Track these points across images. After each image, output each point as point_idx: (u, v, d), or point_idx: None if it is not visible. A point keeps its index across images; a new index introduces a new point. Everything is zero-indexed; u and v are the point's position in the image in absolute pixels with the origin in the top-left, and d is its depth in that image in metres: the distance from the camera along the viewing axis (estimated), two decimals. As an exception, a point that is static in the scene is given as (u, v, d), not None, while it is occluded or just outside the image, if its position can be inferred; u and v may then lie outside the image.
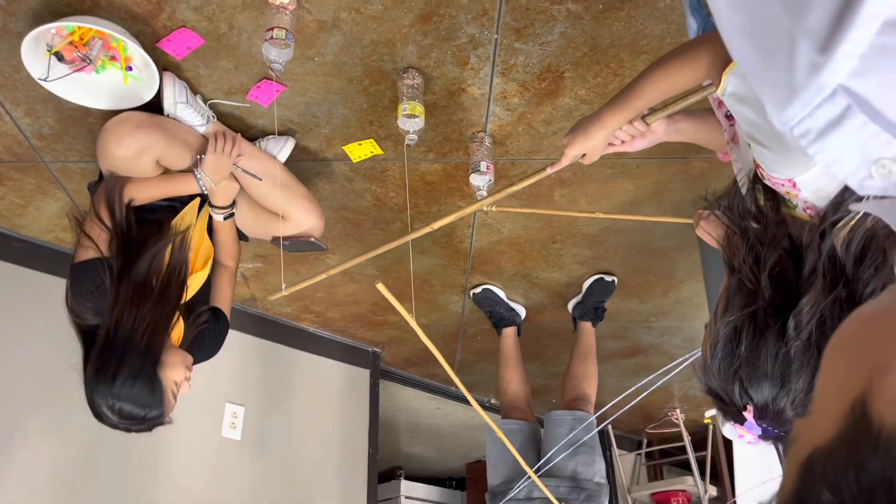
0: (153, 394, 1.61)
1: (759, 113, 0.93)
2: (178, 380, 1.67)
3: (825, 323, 0.88)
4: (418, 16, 1.72)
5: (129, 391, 1.58)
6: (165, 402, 1.65)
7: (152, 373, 1.61)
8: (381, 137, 2.11)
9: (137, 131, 1.74)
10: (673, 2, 1.71)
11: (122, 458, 2.50)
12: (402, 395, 4.20)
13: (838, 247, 0.92)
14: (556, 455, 2.40)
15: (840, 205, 0.94)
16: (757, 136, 0.95)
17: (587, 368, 2.81)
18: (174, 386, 1.67)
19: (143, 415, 1.62)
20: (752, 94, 0.94)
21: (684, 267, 2.90)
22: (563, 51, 1.84)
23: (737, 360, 0.92)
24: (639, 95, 1.17)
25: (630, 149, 1.32)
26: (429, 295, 3.03)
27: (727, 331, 0.93)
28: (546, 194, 2.39)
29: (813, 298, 0.88)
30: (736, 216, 1.00)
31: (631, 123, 1.25)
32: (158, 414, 1.64)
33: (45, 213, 2.39)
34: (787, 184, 0.97)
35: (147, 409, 1.62)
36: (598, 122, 1.25)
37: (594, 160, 1.31)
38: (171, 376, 1.65)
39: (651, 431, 4.68)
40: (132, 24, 1.71)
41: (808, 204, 0.98)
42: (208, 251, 1.92)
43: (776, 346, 0.89)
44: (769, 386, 0.89)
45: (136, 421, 1.63)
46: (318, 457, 3.16)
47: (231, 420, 2.85)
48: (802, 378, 0.88)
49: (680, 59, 1.11)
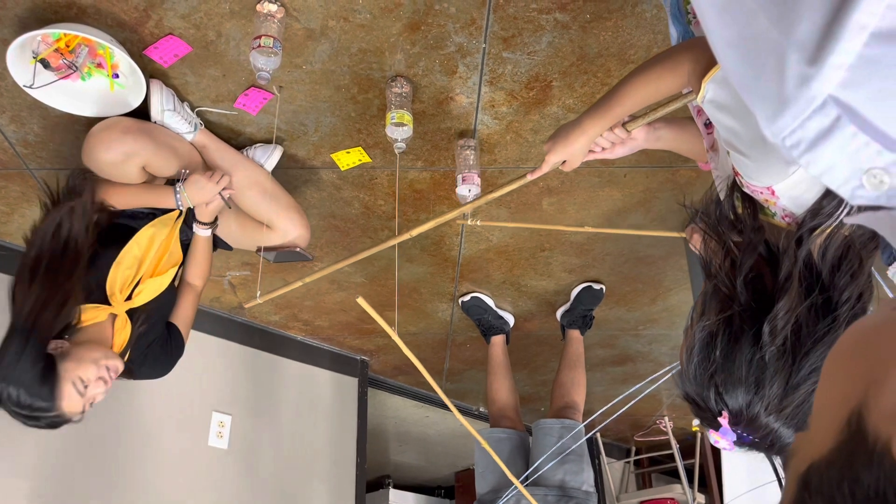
0: (43, 382, 1.49)
1: (738, 120, 0.94)
2: (84, 377, 1.55)
3: (800, 329, 0.89)
4: (406, 25, 1.72)
5: (15, 374, 1.47)
6: (59, 397, 1.52)
7: (40, 356, 1.49)
8: (369, 146, 2.11)
9: (125, 136, 1.73)
10: (659, 12, 1.73)
11: (107, 466, 2.48)
12: (391, 403, 4.19)
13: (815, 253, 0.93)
14: (544, 464, 2.40)
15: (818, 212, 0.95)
16: (736, 144, 0.96)
17: (576, 376, 2.81)
18: (78, 382, 1.54)
19: (29, 402, 1.49)
20: (732, 102, 0.95)
21: (672, 275, 2.91)
22: (551, 60, 1.85)
23: (712, 365, 0.92)
24: (619, 102, 1.17)
25: (610, 156, 1.31)
26: (417, 303, 3.03)
27: (703, 335, 0.93)
28: (534, 203, 2.40)
29: (788, 304, 0.89)
30: (713, 222, 1.00)
31: (611, 130, 1.25)
32: (47, 406, 1.51)
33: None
34: (766, 191, 0.98)
35: (34, 398, 1.49)
36: (578, 129, 1.24)
37: (575, 167, 1.31)
38: (73, 370, 1.54)
39: (640, 439, 4.69)
40: (119, 31, 1.70)
41: (787, 212, 0.99)
42: (176, 259, 1.89)
43: (751, 351, 0.89)
44: (743, 391, 0.89)
45: (23, 408, 1.50)
46: (306, 466, 3.14)
47: (218, 429, 2.83)
48: (776, 384, 0.88)
49: (660, 66, 1.11)
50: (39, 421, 1.54)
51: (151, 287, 1.80)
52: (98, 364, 1.59)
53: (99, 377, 1.58)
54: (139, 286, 1.77)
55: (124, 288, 1.74)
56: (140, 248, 1.77)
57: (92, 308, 1.67)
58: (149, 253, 1.79)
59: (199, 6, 1.65)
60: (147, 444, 2.62)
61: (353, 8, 1.67)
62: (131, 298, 1.76)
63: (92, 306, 1.67)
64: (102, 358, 1.60)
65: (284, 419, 3.11)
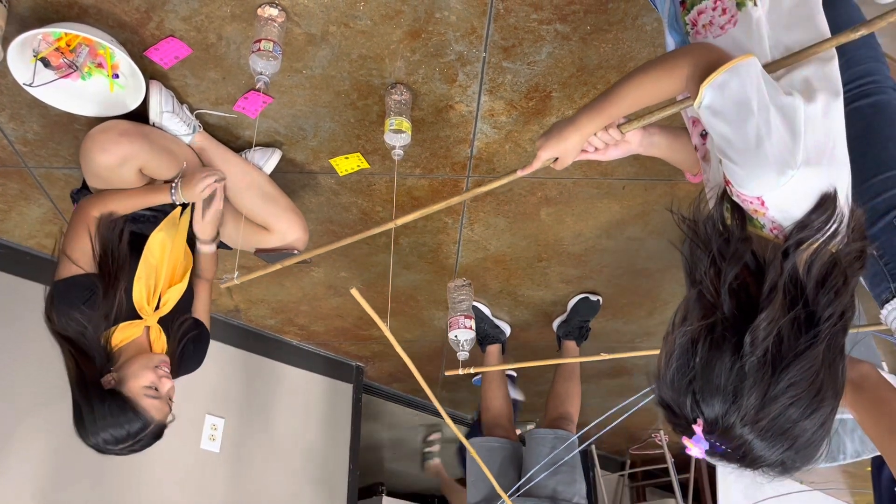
0: (122, 411, 1.58)
1: (731, 127, 0.95)
2: (146, 384, 1.62)
3: (782, 342, 0.88)
4: (407, 32, 1.73)
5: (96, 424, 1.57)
6: (143, 411, 1.61)
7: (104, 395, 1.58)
8: (367, 152, 2.11)
9: (122, 139, 1.73)
10: (659, 26, 1.73)
11: (97, 468, 2.47)
12: (386, 410, 4.18)
13: (800, 268, 0.93)
14: (536, 474, 2.39)
15: (805, 226, 0.95)
16: (728, 152, 0.96)
17: (570, 388, 2.80)
18: (148, 391, 1.62)
19: (126, 433, 1.59)
20: (728, 108, 0.95)
21: (669, 288, 2.91)
22: (551, 71, 1.85)
23: (691, 372, 0.91)
24: (615, 102, 1.15)
25: (603, 157, 1.28)
26: (413, 310, 3.02)
27: (683, 341, 0.93)
28: (532, 213, 2.40)
29: (771, 315, 0.88)
30: (700, 229, 1.00)
31: (606, 131, 1.23)
32: (142, 425, 1.61)
33: (28, 219, 2.37)
34: (756, 201, 0.98)
35: (128, 426, 1.59)
36: (572, 126, 1.21)
37: (566, 165, 1.27)
38: (136, 385, 1.61)
39: (635, 452, 4.67)
40: (120, 31, 1.70)
41: (775, 224, 0.99)
42: (187, 263, 1.90)
43: (731, 360, 0.89)
44: (720, 400, 0.89)
45: (128, 440, 1.60)
46: (298, 471, 3.13)
47: (210, 432, 2.82)
48: (754, 395, 0.88)
49: (659, 69, 1.10)
50: (144, 441, 1.63)
51: (174, 295, 1.83)
52: (151, 368, 1.65)
53: (159, 377, 1.65)
54: (163, 297, 1.80)
55: (150, 299, 1.77)
56: (154, 257, 1.79)
57: (126, 326, 1.69)
58: (163, 260, 1.80)
59: (200, 9, 1.65)
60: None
61: (353, 14, 1.67)
62: (159, 308, 1.79)
63: (126, 324, 1.69)
64: (150, 362, 1.66)
65: (278, 424, 3.10)
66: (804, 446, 0.90)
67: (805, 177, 0.95)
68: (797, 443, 0.89)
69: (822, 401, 0.89)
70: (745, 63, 0.96)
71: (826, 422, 0.90)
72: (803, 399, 0.88)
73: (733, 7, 1.12)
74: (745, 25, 1.11)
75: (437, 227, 2.46)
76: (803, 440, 0.89)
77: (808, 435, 0.89)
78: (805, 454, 0.91)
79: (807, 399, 0.88)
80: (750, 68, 0.95)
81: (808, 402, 0.88)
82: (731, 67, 0.95)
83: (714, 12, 1.15)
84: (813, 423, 0.89)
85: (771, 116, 0.93)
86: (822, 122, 0.99)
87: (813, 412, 0.88)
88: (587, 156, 1.27)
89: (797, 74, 1.05)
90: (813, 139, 0.96)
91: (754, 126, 0.93)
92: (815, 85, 1.03)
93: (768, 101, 0.94)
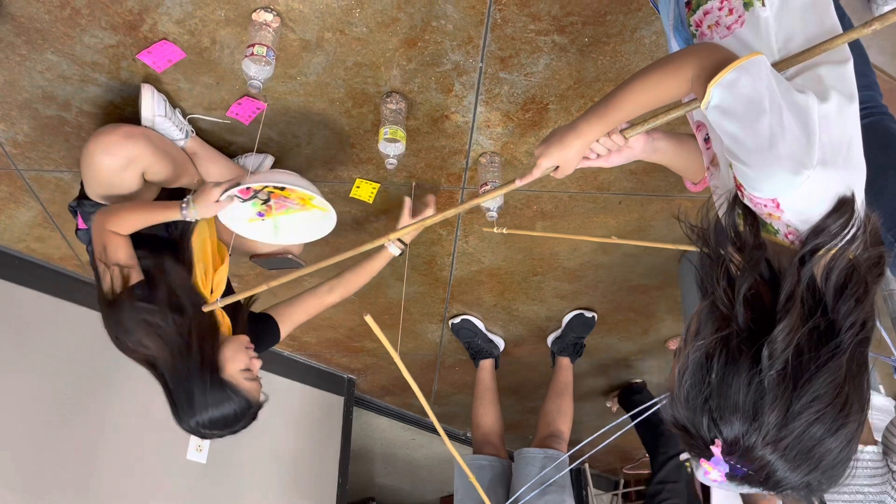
0: (226, 395, 1.65)
1: (743, 127, 0.90)
2: (242, 367, 1.69)
3: (802, 353, 0.83)
4: (403, 40, 1.71)
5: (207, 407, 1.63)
6: (244, 392, 1.68)
7: (217, 379, 1.65)
8: (361, 160, 2.08)
9: (126, 141, 1.70)
10: (658, 38, 1.71)
11: (82, 478, 2.42)
12: (377, 424, 4.13)
13: (818, 275, 0.88)
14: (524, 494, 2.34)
15: (822, 230, 0.90)
16: (739, 154, 0.92)
17: (562, 405, 2.76)
18: (242, 374, 1.69)
19: (231, 413, 1.66)
20: (738, 107, 0.90)
21: (665, 305, 2.88)
22: (548, 82, 1.83)
23: (706, 389, 0.86)
24: (618, 106, 1.09)
25: (605, 164, 1.22)
26: (407, 323, 2.99)
27: (697, 356, 0.87)
28: (528, 227, 2.37)
29: (789, 326, 0.83)
30: (712, 237, 0.95)
31: (608, 136, 1.17)
32: (245, 406, 1.68)
33: (18, 223, 2.34)
34: (770, 204, 0.93)
35: (233, 409, 1.66)
36: (574, 133, 1.15)
37: (567, 173, 1.21)
38: (232, 369, 1.68)
39: (628, 472, 4.62)
40: (112, 34, 1.68)
41: (791, 228, 0.94)
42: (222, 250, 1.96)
43: (749, 375, 0.83)
44: (740, 419, 0.83)
45: (231, 422, 1.67)
46: (286, 483, 3.08)
47: (197, 442, 2.78)
48: (776, 412, 0.82)
49: (662, 71, 1.05)
50: (244, 422, 1.71)
51: (222, 276, 1.91)
52: (242, 350, 1.72)
53: (250, 358, 1.73)
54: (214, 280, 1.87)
55: (206, 286, 1.83)
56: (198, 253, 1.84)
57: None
58: (206, 254, 1.88)
59: (194, 12, 1.63)
60: (124, 456, 2.57)
61: (349, 21, 1.66)
62: (213, 292, 1.86)
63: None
64: (239, 345, 1.72)
65: (266, 435, 3.05)
66: (830, 466, 0.85)
67: (821, 178, 0.90)
68: (823, 463, 0.84)
69: (848, 416, 0.84)
70: (754, 60, 0.91)
71: (853, 439, 0.85)
72: (828, 415, 0.82)
73: (740, 7, 1.08)
74: (752, 26, 1.06)
75: (432, 238, 2.44)
76: (829, 460, 0.84)
77: (833, 454, 0.84)
78: (831, 474, 0.85)
79: (832, 415, 0.83)
80: (760, 66, 0.91)
81: (834, 417, 0.83)
82: (741, 65, 0.91)
83: (720, 13, 1.11)
84: (839, 441, 0.84)
85: (784, 114, 0.89)
86: (837, 120, 0.94)
87: (839, 429, 0.83)
88: (589, 163, 1.22)
89: (810, 73, 1.01)
90: (828, 138, 0.92)
91: (767, 124, 0.88)
92: (828, 84, 0.98)
93: (780, 99, 0.89)
